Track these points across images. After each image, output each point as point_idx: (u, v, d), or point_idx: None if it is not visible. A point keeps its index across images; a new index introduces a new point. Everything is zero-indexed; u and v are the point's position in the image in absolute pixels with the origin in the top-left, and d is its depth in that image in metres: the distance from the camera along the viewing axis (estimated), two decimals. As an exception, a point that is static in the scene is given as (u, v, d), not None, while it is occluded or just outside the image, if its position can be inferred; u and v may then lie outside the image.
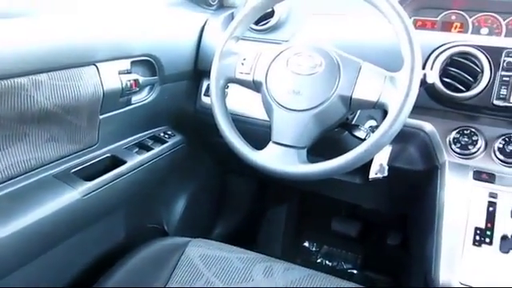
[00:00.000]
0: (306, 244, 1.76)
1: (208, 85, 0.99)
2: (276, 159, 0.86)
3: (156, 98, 1.12)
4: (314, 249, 1.75)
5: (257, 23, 1.17)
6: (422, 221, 1.07)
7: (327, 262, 1.71)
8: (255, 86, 0.92)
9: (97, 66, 0.91)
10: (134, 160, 1.05)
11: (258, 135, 0.93)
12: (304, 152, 0.86)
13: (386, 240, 1.65)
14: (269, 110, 0.90)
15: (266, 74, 0.90)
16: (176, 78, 1.18)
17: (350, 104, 0.84)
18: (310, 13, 1.16)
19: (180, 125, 1.25)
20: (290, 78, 0.87)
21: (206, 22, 1.23)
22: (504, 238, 0.88)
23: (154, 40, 1.08)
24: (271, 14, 1.17)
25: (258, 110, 0.97)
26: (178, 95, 1.23)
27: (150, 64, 1.07)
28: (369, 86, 0.82)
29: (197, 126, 1.27)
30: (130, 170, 1.03)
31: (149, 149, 1.12)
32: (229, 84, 1.10)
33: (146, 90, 1.11)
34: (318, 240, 1.75)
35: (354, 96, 0.83)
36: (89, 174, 0.96)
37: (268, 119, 0.91)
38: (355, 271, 1.66)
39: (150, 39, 1.06)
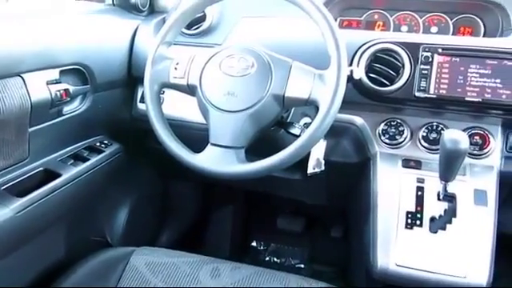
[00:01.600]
0: (254, 243, 1.79)
1: (143, 91, 0.99)
2: (215, 161, 0.87)
3: (89, 107, 1.09)
4: (261, 248, 1.78)
5: (189, 28, 1.17)
6: (359, 211, 1.12)
7: (275, 259, 1.74)
8: (190, 90, 0.93)
9: (22, 77, 0.88)
10: (70, 172, 1.02)
11: (196, 138, 0.94)
12: (242, 152, 0.88)
13: (329, 233, 1.71)
14: (205, 113, 0.91)
15: (200, 78, 0.91)
16: (109, 85, 1.15)
17: (284, 102, 0.88)
18: (241, 16, 1.19)
19: (117, 133, 1.23)
20: (224, 80, 0.89)
21: (137, 28, 1.22)
22: (432, 219, 0.95)
23: (83, 48, 1.05)
24: (203, 19, 1.17)
25: (194, 113, 0.98)
26: (113, 103, 1.20)
27: (80, 73, 1.04)
28: (300, 84, 0.86)
29: (134, 134, 1.25)
30: (65, 183, 1.00)
31: (85, 160, 1.08)
32: (164, 89, 1.11)
33: (78, 99, 1.08)
34: (266, 238, 1.78)
35: (287, 94, 0.86)
36: (21, 189, 0.92)
37: (205, 122, 0.92)
38: (302, 265, 1.71)
39: (79, 47, 1.04)
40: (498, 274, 0.95)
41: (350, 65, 1.01)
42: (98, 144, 1.16)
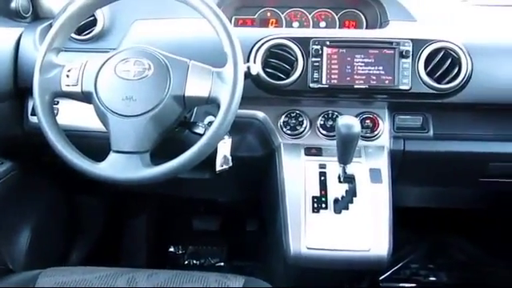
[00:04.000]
0: (172, 249, 1.76)
1: (34, 103, 0.92)
2: (119, 168, 0.85)
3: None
4: (179, 252, 1.76)
5: (79, 33, 1.12)
6: (270, 201, 1.16)
7: (194, 261, 1.73)
8: (85, 97, 0.90)
9: None
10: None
11: (98, 147, 0.90)
12: (147, 156, 0.86)
13: (245, 227, 1.75)
14: (104, 120, 0.88)
15: (95, 84, 0.88)
16: (-6, 99, 1.06)
17: (185, 102, 0.88)
18: (134, 19, 1.16)
19: (8, 151, 1.14)
20: (120, 84, 0.87)
21: (20, 36, 1.13)
22: (336, 201, 1.01)
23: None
24: (94, 23, 1.13)
25: (93, 121, 0.94)
26: (1, 119, 1.11)
27: None
28: (199, 83, 0.87)
29: (29, 149, 1.17)
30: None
31: (-27, 182, 0.99)
32: (58, 99, 1.05)
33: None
34: (183, 242, 1.77)
35: (187, 94, 0.87)
36: None
37: (105, 129, 0.89)
38: (222, 264, 1.72)
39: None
40: (398, 244, 1.05)
41: (247, 61, 1.04)
42: (-13, 164, 1.07)
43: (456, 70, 1.04)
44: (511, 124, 1.16)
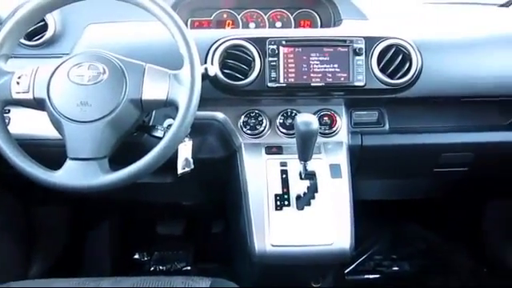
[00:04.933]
0: (137, 255, 1.73)
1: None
2: (76, 175, 0.83)
3: None
4: (145, 258, 1.73)
5: (30, 38, 1.09)
6: (234, 202, 1.17)
7: (161, 267, 1.71)
8: (38, 104, 0.87)
9: None
10: None
11: (54, 156, 0.88)
12: (105, 162, 0.85)
13: (211, 230, 1.74)
14: (59, 127, 0.86)
15: (48, 90, 0.86)
16: None
17: (142, 106, 0.87)
18: (87, 23, 1.14)
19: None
20: (75, 90, 0.85)
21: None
22: (298, 197, 1.03)
23: None
24: (44, 28, 1.10)
25: (47, 128, 0.92)
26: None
27: None
28: (156, 86, 0.86)
29: None
30: None
31: None
32: (9, 108, 1.01)
33: None
34: (148, 248, 1.74)
35: (144, 98, 0.86)
36: None
37: (60, 136, 0.87)
38: (189, 267, 1.71)
39: None
40: (361, 237, 1.08)
41: (205, 63, 1.04)
42: None
43: (407, 66, 1.08)
44: (460, 116, 1.22)
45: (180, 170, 1.03)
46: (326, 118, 1.13)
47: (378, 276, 1.70)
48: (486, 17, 1.37)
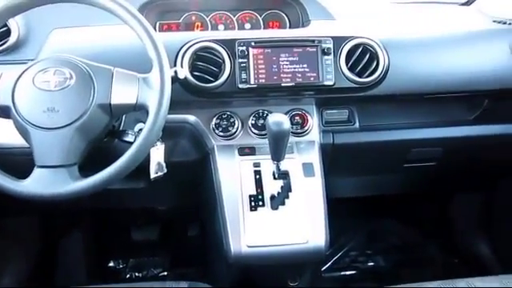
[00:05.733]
0: (111, 263, 1.70)
1: None
2: (45, 183, 0.81)
3: None
4: (120, 266, 1.70)
5: (-8, 45, 1.06)
6: (208, 204, 1.16)
7: (137, 273, 1.68)
8: (2, 112, 0.85)
9: None
10: None
11: (21, 164, 0.86)
12: (75, 169, 0.83)
13: (186, 233, 1.73)
14: (25, 134, 0.84)
15: (13, 97, 0.84)
16: None
17: (111, 111, 0.86)
18: (52, 27, 1.11)
19: None
20: (41, 96, 0.83)
21: None
22: (272, 197, 1.03)
23: None
24: (7, 33, 1.07)
25: (13, 136, 0.89)
26: None
27: None
28: (125, 90, 0.85)
29: None
30: None
31: None
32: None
33: None
34: (123, 255, 1.71)
35: (113, 102, 0.85)
36: None
37: (27, 144, 0.85)
38: (166, 273, 1.69)
39: None
40: (336, 234, 1.09)
41: (174, 66, 1.04)
42: None
43: (374, 64, 1.10)
44: (428, 112, 1.26)
45: (153, 175, 1.02)
46: (297, 118, 1.14)
47: (354, 272, 1.73)
48: (449, 15, 1.41)
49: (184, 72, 0.99)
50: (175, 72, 0.94)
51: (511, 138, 1.25)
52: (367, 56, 1.10)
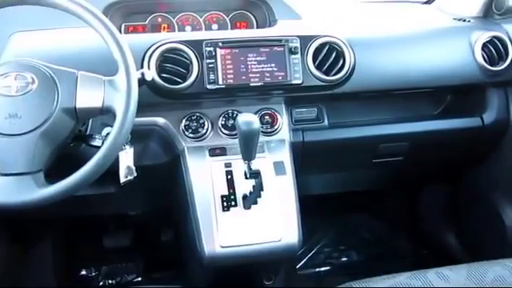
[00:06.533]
0: (83, 272, 1.66)
1: None
2: (9, 191, 0.78)
3: None
4: (92, 274, 1.66)
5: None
6: (181, 207, 1.15)
7: (110, 281, 1.65)
8: None
9: None
10: None
11: None
12: (40, 175, 0.81)
13: (160, 238, 1.71)
14: (-14, 142, 0.81)
15: None
16: None
17: (77, 115, 0.84)
18: (13, 31, 1.08)
19: None
20: (2, 102, 0.81)
21: None
22: (244, 197, 1.03)
23: None
24: (-35, 38, 1.03)
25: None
26: None
27: None
28: (90, 94, 0.84)
29: None
30: None
31: None
32: None
33: None
34: (95, 263, 1.68)
35: (78, 106, 0.83)
36: None
37: None
38: (140, 278, 1.66)
39: None
40: (310, 231, 1.10)
41: (141, 67, 1.02)
42: None
43: (341, 63, 1.12)
44: (395, 108, 1.29)
45: (122, 179, 1.00)
46: (267, 117, 1.14)
47: (328, 268, 1.75)
48: (412, 13, 1.45)
49: (151, 74, 0.98)
50: (142, 74, 0.93)
51: (473, 131, 1.29)
52: (333, 54, 1.12)
